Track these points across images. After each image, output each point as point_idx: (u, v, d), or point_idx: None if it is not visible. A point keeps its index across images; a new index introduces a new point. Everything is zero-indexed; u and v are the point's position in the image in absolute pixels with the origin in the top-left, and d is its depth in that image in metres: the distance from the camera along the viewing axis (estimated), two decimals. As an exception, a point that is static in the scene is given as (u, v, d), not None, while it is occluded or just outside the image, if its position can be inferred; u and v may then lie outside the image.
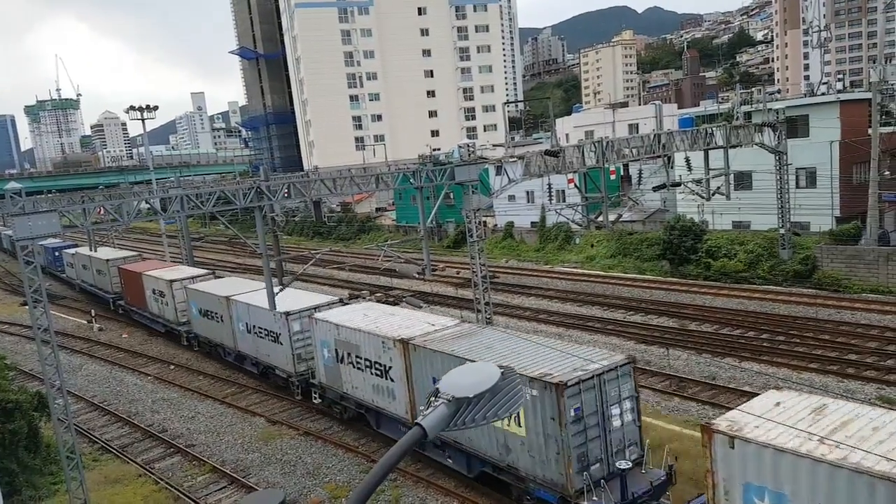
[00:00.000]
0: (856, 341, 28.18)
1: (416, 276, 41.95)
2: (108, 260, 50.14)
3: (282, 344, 27.76)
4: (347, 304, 28.33)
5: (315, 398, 26.63)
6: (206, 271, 41.04)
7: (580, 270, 47.43)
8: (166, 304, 38.86)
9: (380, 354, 21.60)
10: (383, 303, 37.14)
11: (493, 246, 55.72)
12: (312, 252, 36.55)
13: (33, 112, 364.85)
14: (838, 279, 36.45)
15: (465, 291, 41.14)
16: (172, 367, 35.32)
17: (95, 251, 53.22)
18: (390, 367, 21.03)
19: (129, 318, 46.60)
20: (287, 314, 26.86)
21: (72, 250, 60.99)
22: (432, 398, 3.45)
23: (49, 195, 73.56)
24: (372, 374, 22.29)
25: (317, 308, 27.18)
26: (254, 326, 29.79)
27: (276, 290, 26.07)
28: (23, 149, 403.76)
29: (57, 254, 65.45)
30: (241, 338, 31.38)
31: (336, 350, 23.90)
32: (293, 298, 28.77)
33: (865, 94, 44.98)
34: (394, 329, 21.64)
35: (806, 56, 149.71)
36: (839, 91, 62.82)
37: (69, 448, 19.37)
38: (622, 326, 33.68)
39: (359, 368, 22.90)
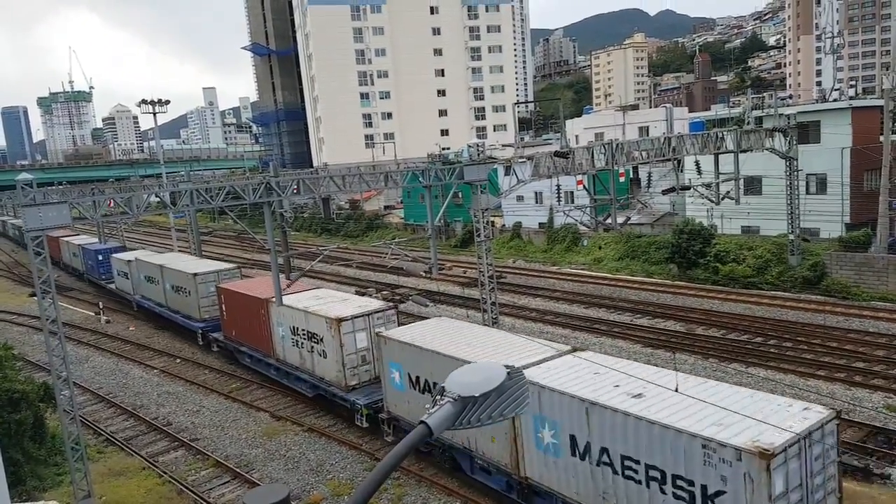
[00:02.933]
0: (864, 349, 27.99)
1: (423, 274, 42.02)
2: (195, 274, 35.61)
3: (684, 499, 12.71)
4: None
5: None
6: (381, 303, 26.70)
7: (587, 272, 47.32)
8: (322, 354, 24.95)
9: None
10: (389, 301, 37.12)
11: (500, 246, 55.67)
12: (320, 248, 36.37)
13: (46, 104, 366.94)
14: (847, 286, 36.26)
15: (471, 291, 41.11)
16: (178, 360, 35.44)
17: (167, 259, 40.45)
18: None
19: (229, 357, 33.56)
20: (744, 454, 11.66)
21: (127, 255, 46.61)
22: (438, 397, 3.44)
23: (60, 187, 73.96)
24: None
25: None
26: (607, 452, 14.13)
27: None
28: (35, 140, 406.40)
29: (101, 258, 50.80)
30: (535, 457, 16.07)
31: None
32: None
33: (878, 101, 44.73)
34: None
35: (818, 62, 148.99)
36: (851, 97, 62.52)
37: (74, 439, 19.46)
38: (629, 329, 33.58)
39: None
